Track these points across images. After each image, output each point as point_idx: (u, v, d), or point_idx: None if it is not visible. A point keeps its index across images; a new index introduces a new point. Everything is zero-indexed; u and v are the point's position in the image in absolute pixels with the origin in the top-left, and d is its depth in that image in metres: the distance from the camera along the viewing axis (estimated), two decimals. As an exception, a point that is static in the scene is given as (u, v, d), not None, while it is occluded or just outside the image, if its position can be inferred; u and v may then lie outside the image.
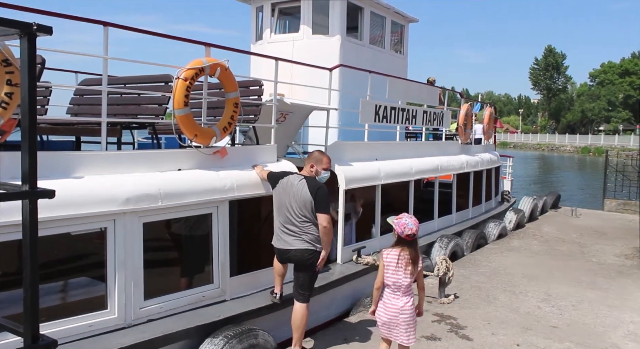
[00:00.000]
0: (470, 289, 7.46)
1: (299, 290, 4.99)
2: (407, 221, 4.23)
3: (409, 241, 4.23)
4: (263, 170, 5.52)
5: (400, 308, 4.20)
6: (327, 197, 5.00)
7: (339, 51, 9.08)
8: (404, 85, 9.26)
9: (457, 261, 8.89)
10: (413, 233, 4.20)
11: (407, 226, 4.20)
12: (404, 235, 4.19)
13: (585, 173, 41.14)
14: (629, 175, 17.09)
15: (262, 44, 9.70)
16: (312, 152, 5.31)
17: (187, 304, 4.86)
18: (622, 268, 8.93)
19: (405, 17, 10.99)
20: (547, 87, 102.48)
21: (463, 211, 10.74)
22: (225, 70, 5.19)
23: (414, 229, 4.20)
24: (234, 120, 5.38)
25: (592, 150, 66.46)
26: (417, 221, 4.30)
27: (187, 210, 4.85)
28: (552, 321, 6.28)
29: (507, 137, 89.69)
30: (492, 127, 13.32)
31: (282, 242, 4.97)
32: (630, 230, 12.70)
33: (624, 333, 5.93)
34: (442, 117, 10.09)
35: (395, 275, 4.20)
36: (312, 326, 5.95)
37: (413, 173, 8.49)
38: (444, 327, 5.99)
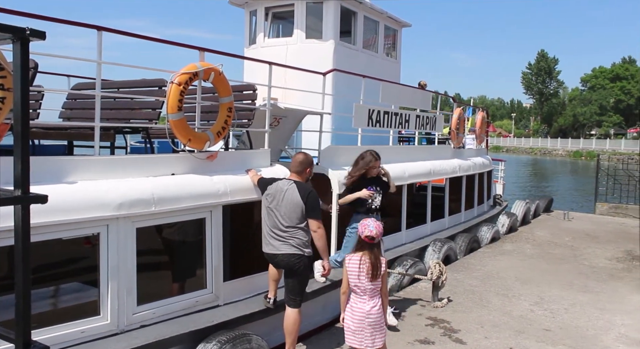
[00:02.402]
0: (463, 293, 7.48)
1: (289, 295, 4.99)
2: (369, 223, 4.26)
3: (370, 245, 4.22)
4: (256, 174, 5.52)
5: (367, 312, 4.20)
6: (318, 202, 5.01)
7: (333, 55, 9.10)
8: (397, 89, 9.29)
9: (450, 265, 8.92)
10: (372, 235, 4.19)
11: (368, 228, 4.21)
12: (364, 235, 4.20)
13: (577, 177, 41.39)
14: (620, 179, 17.23)
15: (255, 48, 9.71)
16: (295, 156, 5.26)
17: (181, 309, 4.84)
18: (614, 271, 8.99)
19: (399, 22, 11.04)
20: (540, 92, 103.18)
21: (456, 215, 10.77)
22: (219, 74, 5.19)
23: (374, 232, 4.20)
24: (227, 125, 5.38)
25: (583, 154, 66.88)
26: (381, 227, 4.31)
27: (181, 214, 4.83)
28: (544, 324, 6.32)
29: (500, 141, 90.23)
30: (484, 131, 13.39)
31: (270, 247, 4.97)
32: (621, 233, 12.79)
33: (615, 335, 5.97)
34: (434, 121, 10.13)
35: (359, 280, 4.20)
36: (306, 330, 5.94)
37: (406, 177, 8.52)
38: (437, 331, 6.00)
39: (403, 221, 8.61)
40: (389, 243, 7.99)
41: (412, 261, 7.85)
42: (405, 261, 7.82)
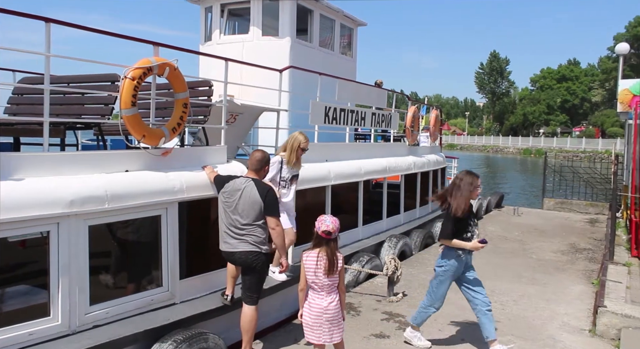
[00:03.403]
0: (418, 287, 7.65)
1: (247, 292, 4.99)
2: (326, 218, 4.29)
3: (327, 241, 4.25)
4: (213, 171, 5.48)
5: (324, 308, 4.24)
6: (277, 200, 5.04)
7: (289, 53, 9.12)
8: (353, 87, 9.40)
9: (405, 260, 9.11)
10: (329, 230, 4.22)
11: (324, 223, 4.24)
12: (320, 230, 4.24)
13: (527, 174, 42.91)
14: (565, 175, 17.99)
15: (211, 45, 9.61)
16: (253, 154, 5.27)
17: (135, 308, 4.76)
18: (559, 263, 9.41)
19: (354, 21, 11.15)
20: (492, 91, 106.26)
21: (411, 211, 11.00)
22: (174, 70, 5.13)
23: (330, 227, 4.22)
24: (183, 121, 5.32)
25: (533, 151, 69.35)
26: (338, 222, 4.32)
27: (135, 212, 4.75)
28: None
29: (454, 139, 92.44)
30: (438, 129, 13.70)
31: (227, 245, 4.96)
32: (566, 227, 13.38)
33: (559, 324, 6.26)
34: (390, 119, 10.30)
35: (316, 276, 4.24)
36: (263, 327, 5.96)
37: (362, 174, 8.64)
38: (392, 325, 6.13)
39: (359, 218, 8.73)
40: (346, 239, 8.10)
41: (369, 257, 7.98)
42: (362, 257, 7.94)
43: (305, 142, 5.98)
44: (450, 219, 5.11)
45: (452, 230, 5.10)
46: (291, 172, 5.97)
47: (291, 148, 5.90)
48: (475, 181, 5.13)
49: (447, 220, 5.18)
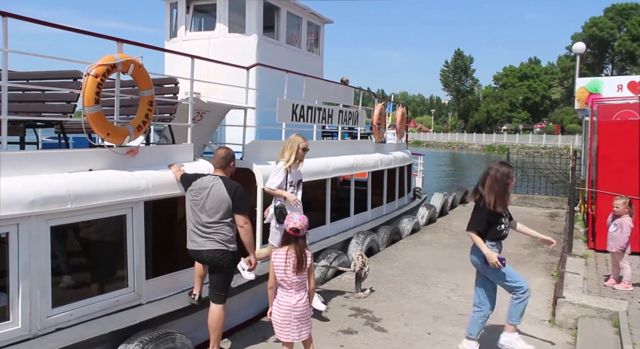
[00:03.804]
0: (385, 283, 7.76)
1: (214, 291, 4.97)
2: (294, 216, 4.31)
3: (295, 238, 4.26)
4: (179, 170, 5.43)
5: (293, 306, 4.24)
6: (246, 197, 5.02)
7: (256, 50, 9.09)
8: (320, 85, 9.43)
9: (373, 256, 9.21)
10: (297, 227, 4.23)
11: (292, 220, 4.26)
12: (289, 228, 4.25)
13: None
14: (527, 171, 18.48)
15: (176, 42, 9.48)
16: (217, 151, 5.23)
17: (100, 310, 4.68)
18: (520, 256, 9.68)
19: (321, 18, 11.19)
20: (457, 89, 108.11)
21: (378, 208, 11.12)
22: (139, 67, 5.05)
23: (298, 224, 4.23)
24: (148, 119, 5.25)
25: (496, 148, 70.92)
26: (306, 220, 4.33)
27: (100, 211, 4.67)
28: (459, 309, 6.70)
29: (421, 136, 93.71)
30: (404, 126, 13.87)
31: (194, 243, 4.93)
32: (528, 221, 13.69)
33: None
34: (357, 117, 10.38)
35: (285, 274, 4.24)
36: (231, 326, 5.95)
37: (330, 172, 8.69)
38: (360, 320, 6.21)
39: (327, 215, 8.78)
40: (314, 236, 8.13)
41: (336, 254, 8.04)
42: (330, 254, 8.00)
43: (304, 141, 5.91)
44: (483, 210, 4.89)
45: (483, 222, 4.88)
46: (296, 177, 5.91)
47: (291, 150, 5.82)
48: (512, 173, 4.94)
49: (478, 211, 4.95)
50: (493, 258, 4.83)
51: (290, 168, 5.82)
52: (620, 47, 78.65)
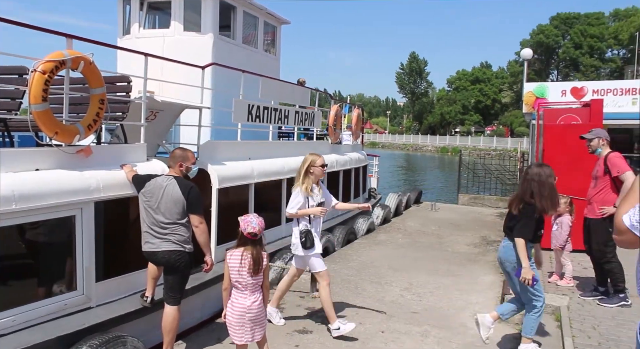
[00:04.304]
0: (340, 282, 7.84)
1: (169, 292, 4.90)
2: (252, 220, 4.24)
3: (252, 241, 4.23)
4: (132, 170, 5.32)
5: (248, 307, 4.21)
6: (200, 197, 4.98)
7: (212, 49, 8.99)
8: (276, 85, 9.43)
9: (328, 256, 9.28)
10: (255, 232, 4.20)
11: (250, 225, 4.21)
12: (246, 232, 4.21)
13: (444, 171, 44.91)
14: (478, 172, 19.05)
15: (130, 39, 9.27)
16: (173, 152, 5.21)
17: (47, 314, 4.53)
18: (471, 255, 9.98)
19: (278, 19, 11.18)
20: (412, 91, 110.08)
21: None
22: (90, 64, 4.92)
23: (257, 228, 4.20)
24: (99, 117, 5.12)
25: (449, 149, 72.65)
26: (263, 222, 4.29)
27: (47, 212, 4.52)
28: (412, 307, 6.85)
29: (377, 137, 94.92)
30: (359, 127, 14.04)
31: (149, 245, 4.85)
32: (478, 221, 14.19)
33: (470, 313, 6.65)
34: (313, 118, 10.43)
35: (240, 275, 4.22)
36: (185, 328, 5.88)
37: (286, 172, 8.70)
38: (315, 320, 6.25)
39: (283, 215, 8.79)
40: (269, 237, 8.12)
41: (292, 254, 8.04)
42: (285, 254, 8.01)
43: (317, 158, 5.61)
44: (532, 217, 4.77)
45: (532, 230, 4.78)
46: (316, 200, 5.66)
47: (301, 173, 5.60)
48: (553, 171, 4.86)
49: (527, 218, 4.80)
50: (529, 276, 4.74)
51: (311, 190, 5.54)
52: (564, 54, 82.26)
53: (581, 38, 79.79)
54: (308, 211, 5.56)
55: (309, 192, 5.55)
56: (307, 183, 5.56)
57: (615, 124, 15.43)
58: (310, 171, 5.57)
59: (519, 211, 4.87)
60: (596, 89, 15.74)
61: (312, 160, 5.61)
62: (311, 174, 5.57)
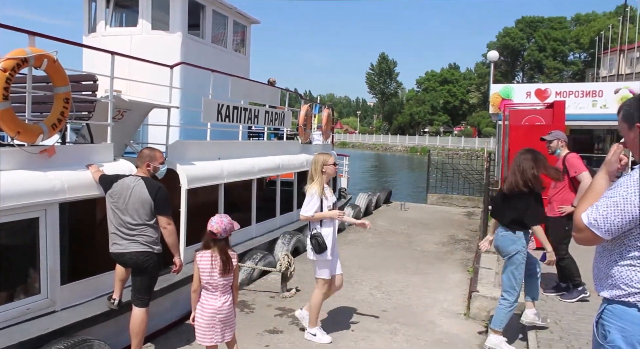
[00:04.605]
0: (310, 282, 7.83)
1: (137, 294, 4.84)
2: (213, 218, 4.21)
3: (218, 241, 4.18)
4: (98, 170, 5.23)
5: (218, 308, 4.19)
6: (168, 198, 4.93)
7: (180, 48, 8.89)
8: (246, 85, 9.39)
9: (299, 256, 9.28)
10: (212, 231, 4.15)
11: (210, 223, 4.18)
12: (208, 230, 4.19)
13: (413, 171, 45.45)
14: (446, 172, 19.36)
15: (96, 37, 9.08)
16: (140, 152, 5.16)
17: (9, 319, 4.41)
18: (439, 254, 10.14)
19: (248, 18, 11.13)
20: (381, 91, 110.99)
21: (304, 208, 11.20)
22: (54, 62, 4.81)
23: (215, 227, 4.15)
24: (64, 117, 5.01)
25: (418, 149, 73.53)
26: (224, 223, 4.18)
27: (9, 214, 4.40)
28: (382, 305, 6.92)
29: (347, 137, 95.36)
30: (329, 128, 14.10)
31: (117, 246, 4.78)
32: (447, 220, 14.43)
33: (438, 310, 6.78)
34: (283, 117, 10.43)
35: (211, 277, 4.19)
36: (154, 330, 5.80)
37: (256, 172, 8.68)
38: (285, 320, 6.26)
39: (253, 216, 8.77)
40: (239, 237, 8.10)
41: (262, 254, 8.05)
42: (255, 254, 7.99)
43: (328, 158, 5.50)
44: (537, 201, 5.08)
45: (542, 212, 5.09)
46: (330, 201, 5.53)
47: (316, 171, 5.45)
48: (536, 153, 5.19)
49: (535, 206, 5.05)
50: (554, 259, 5.20)
51: (325, 191, 5.44)
52: (529, 57, 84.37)
53: (545, 41, 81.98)
54: (325, 215, 5.39)
55: (324, 193, 5.42)
56: (321, 184, 5.43)
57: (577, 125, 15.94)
58: (323, 170, 5.45)
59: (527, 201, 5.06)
60: (559, 91, 16.23)
61: (324, 160, 5.48)
62: (324, 174, 5.47)
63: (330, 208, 5.45)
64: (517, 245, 5.08)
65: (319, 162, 5.46)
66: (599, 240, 2.36)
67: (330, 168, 5.49)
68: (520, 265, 5.11)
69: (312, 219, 5.41)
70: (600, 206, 2.32)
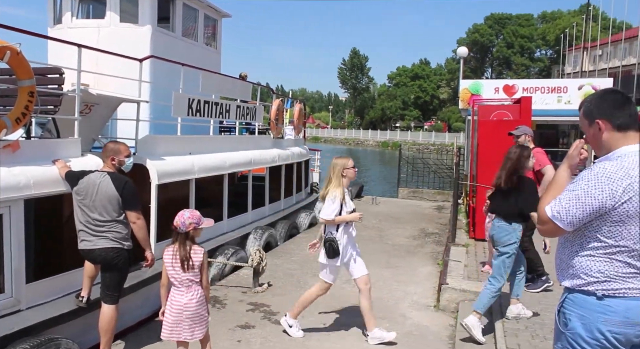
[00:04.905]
0: (283, 277, 7.88)
1: (106, 291, 4.78)
2: (180, 213, 4.16)
3: (179, 235, 4.13)
4: (65, 166, 5.13)
5: (184, 305, 4.13)
6: (136, 193, 4.86)
7: (150, 42, 8.75)
8: (217, 79, 9.32)
9: (271, 251, 9.30)
10: (174, 224, 4.12)
11: (176, 216, 4.15)
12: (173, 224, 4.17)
13: (385, 165, 45.83)
14: (417, 166, 19.59)
15: (61, 29, 8.86)
16: (105, 146, 5.06)
17: (-28, 319, 4.30)
18: (410, 247, 10.28)
19: (219, 12, 11.03)
20: (353, 86, 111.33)
21: (276, 203, 11.22)
22: (17, 54, 4.68)
23: (175, 221, 4.11)
24: (29, 111, 4.88)
25: (390, 144, 74.07)
26: (185, 217, 4.12)
27: (-29, 211, 4.28)
28: (354, 299, 6.96)
29: (319, 132, 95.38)
30: (301, 122, 14.10)
31: (86, 243, 4.71)
32: (417, 214, 14.62)
33: (409, 303, 6.88)
34: (255, 112, 10.38)
35: (174, 271, 4.15)
36: (124, 327, 5.75)
37: (227, 167, 8.63)
38: (257, 315, 6.27)
39: (225, 211, 8.72)
40: (211, 232, 8.05)
41: (234, 250, 8.03)
42: (227, 250, 7.97)
43: (346, 161, 5.40)
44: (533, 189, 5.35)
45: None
46: (350, 206, 5.43)
47: (333, 178, 5.33)
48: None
49: (532, 194, 5.22)
50: None
51: (345, 195, 5.33)
52: (498, 53, 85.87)
53: (513, 38, 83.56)
54: (347, 218, 5.31)
55: (344, 198, 5.32)
56: (342, 188, 5.32)
57: (543, 121, 16.34)
58: (344, 174, 5.35)
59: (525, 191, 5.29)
60: (526, 87, 16.58)
61: (343, 163, 5.37)
62: (344, 177, 5.36)
63: (349, 213, 5.36)
64: (511, 236, 5.29)
65: (338, 166, 5.36)
66: (561, 231, 2.46)
67: (350, 171, 5.40)
68: (512, 256, 5.33)
69: (332, 222, 5.31)
70: (563, 199, 2.41)
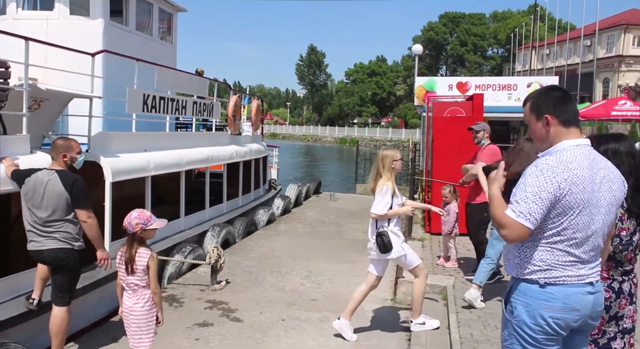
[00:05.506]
0: (241, 274, 7.86)
1: (57, 292, 4.64)
2: (129, 213, 4.02)
3: (129, 236, 3.98)
4: (13, 164, 4.95)
5: (129, 308, 3.98)
6: (86, 190, 4.71)
7: (102, 35, 8.52)
8: (173, 75, 9.18)
9: (229, 248, 9.25)
10: (123, 225, 3.99)
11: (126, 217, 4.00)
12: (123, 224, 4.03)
13: (342, 162, 46.15)
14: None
15: (6, 20, 8.50)
16: (54, 142, 4.87)
17: None
18: (366, 242, 10.40)
19: (174, 6, 10.84)
20: (311, 83, 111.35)
21: (234, 200, 11.16)
22: (-40, 48, 4.49)
23: (124, 222, 3.97)
24: (-28, 107, 4.70)
25: (348, 140, 74.59)
26: (130, 216, 3.97)
27: None
28: (312, 294, 7.05)
29: (277, 129, 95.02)
30: (259, 119, 14.04)
31: (34, 243, 4.55)
32: (375, 210, 14.81)
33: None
34: (212, 108, 10.28)
35: (122, 273, 4.00)
36: (77, 328, 5.61)
37: (184, 164, 8.52)
38: (216, 312, 6.24)
39: (182, 208, 8.62)
40: (168, 231, 7.93)
41: (191, 248, 7.94)
42: (184, 247, 7.88)
43: (394, 153, 5.30)
44: None
45: None
46: (402, 199, 5.32)
47: (382, 171, 5.22)
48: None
49: None
50: None
51: (395, 188, 5.19)
52: (452, 51, 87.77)
53: (466, 36, 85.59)
54: (399, 211, 5.23)
55: (395, 191, 5.18)
56: (393, 181, 5.20)
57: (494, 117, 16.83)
58: (393, 166, 5.22)
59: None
60: (478, 84, 17.08)
61: (392, 155, 5.25)
62: (393, 170, 5.25)
63: (400, 206, 5.27)
64: None
65: (388, 158, 5.23)
66: (526, 232, 2.44)
67: (398, 163, 5.30)
68: (499, 238, 5.50)
69: (384, 217, 5.21)
70: (520, 200, 2.44)
